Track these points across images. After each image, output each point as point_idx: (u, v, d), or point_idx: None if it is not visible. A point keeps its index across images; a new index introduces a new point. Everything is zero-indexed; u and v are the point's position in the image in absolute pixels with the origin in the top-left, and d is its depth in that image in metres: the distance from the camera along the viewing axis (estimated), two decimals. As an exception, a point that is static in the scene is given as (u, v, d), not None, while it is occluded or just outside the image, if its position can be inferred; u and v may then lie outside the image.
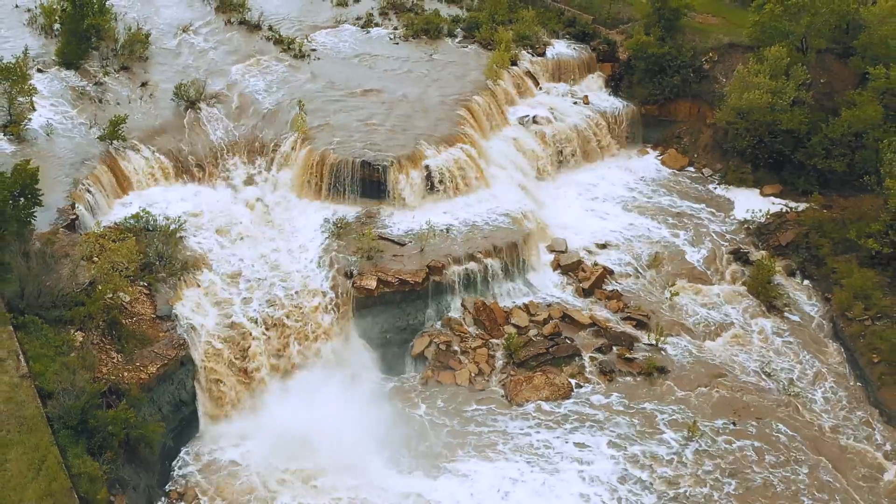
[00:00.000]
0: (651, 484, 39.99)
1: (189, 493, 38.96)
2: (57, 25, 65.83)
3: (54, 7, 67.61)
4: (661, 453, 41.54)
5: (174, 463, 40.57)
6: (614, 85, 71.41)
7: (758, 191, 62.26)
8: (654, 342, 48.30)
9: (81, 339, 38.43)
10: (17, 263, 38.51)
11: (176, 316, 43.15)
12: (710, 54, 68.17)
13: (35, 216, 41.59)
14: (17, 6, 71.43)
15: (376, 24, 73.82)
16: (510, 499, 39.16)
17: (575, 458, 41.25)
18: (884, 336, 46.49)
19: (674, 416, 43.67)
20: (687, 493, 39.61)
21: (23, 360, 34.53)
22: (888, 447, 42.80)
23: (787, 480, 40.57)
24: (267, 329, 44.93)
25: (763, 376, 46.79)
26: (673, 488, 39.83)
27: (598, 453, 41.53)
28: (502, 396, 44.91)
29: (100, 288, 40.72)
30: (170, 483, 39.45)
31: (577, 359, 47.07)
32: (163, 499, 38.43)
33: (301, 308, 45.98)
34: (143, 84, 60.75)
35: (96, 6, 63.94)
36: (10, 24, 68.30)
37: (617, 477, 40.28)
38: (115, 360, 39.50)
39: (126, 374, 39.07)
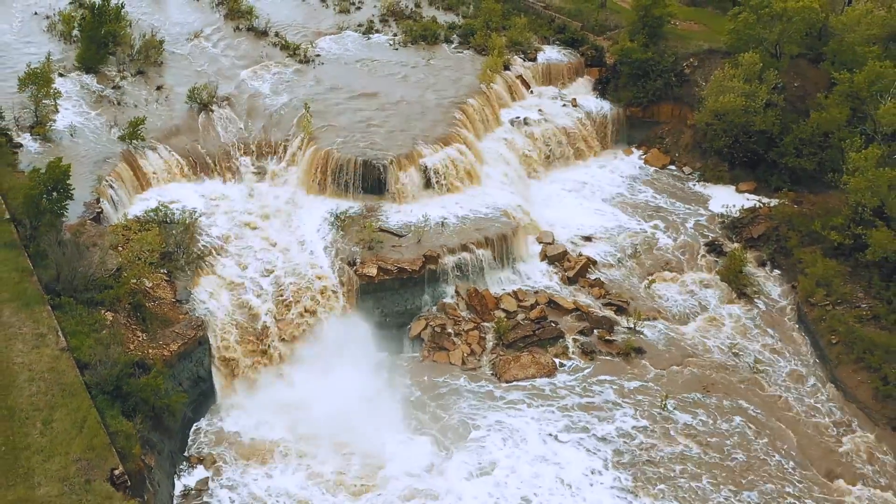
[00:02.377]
0: (628, 448, 44.15)
1: (208, 459, 42.95)
2: (75, 32, 69.97)
3: (72, 15, 71.98)
4: (633, 423, 45.68)
5: (193, 432, 44.63)
6: (601, 88, 75.57)
7: (734, 187, 66.52)
8: (632, 325, 52.45)
9: (111, 318, 42.49)
10: (52, 251, 42.59)
11: (194, 300, 47.30)
12: (691, 59, 72.41)
13: (67, 209, 45.81)
14: (35, 13, 75.62)
15: (377, 31, 78.00)
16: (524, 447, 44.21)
17: (567, 420, 45.96)
18: (842, 320, 50.67)
19: (648, 391, 47.82)
20: (658, 456, 43.78)
21: (61, 335, 38.54)
22: (843, 419, 46.99)
23: (749, 449, 44.64)
24: (277, 312, 49.06)
25: (731, 356, 50.98)
26: (645, 452, 43.96)
27: (577, 421, 45.86)
28: (492, 374, 49.08)
29: (125, 274, 44.75)
30: (190, 450, 43.55)
31: (561, 340, 51.21)
32: (184, 463, 42.57)
33: (308, 293, 50.08)
34: (159, 87, 64.77)
35: (112, 13, 68.03)
36: (30, 30, 72.39)
37: (588, 442, 44.52)
38: (140, 339, 43.51)
39: (150, 350, 43.03)
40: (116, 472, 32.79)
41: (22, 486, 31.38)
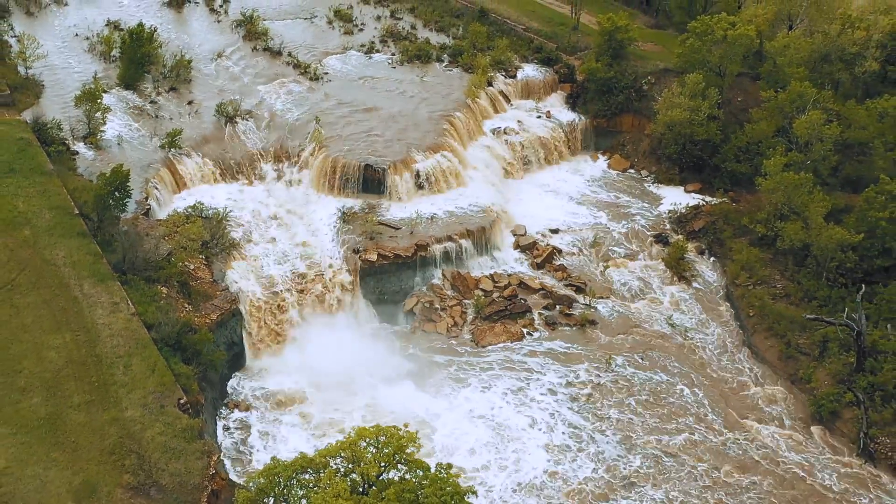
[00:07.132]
0: (577, 395, 55.06)
1: (242, 405, 53.81)
2: (115, 52, 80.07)
3: (111, 37, 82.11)
4: (584, 376, 56.62)
5: (229, 385, 55.42)
6: (573, 102, 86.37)
7: (682, 188, 77.35)
8: (588, 302, 63.33)
9: (165, 292, 53.30)
10: (119, 238, 53.38)
11: (227, 280, 58.12)
12: (649, 77, 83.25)
13: (127, 205, 56.57)
14: (76, 35, 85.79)
15: (377, 51, 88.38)
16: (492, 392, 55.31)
17: (529, 374, 56.88)
18: (758, 297, 61.72)
19: (597, 353, 58.75)
20: (602, 401, 54.74)
21: (130, 303, 49.32)
22: (754, 374, 57.99)
23: (678, 397, 55.50)
24: (295, 290, 59.81)
25: (668, 327, 61.86)
26: (592, 399, 54.93)
27: (545, 373, 56.87)
28: (471, 340, 59.97)
29: (173, 259, 55.60)
30: (227, 398, 54.34)
31: (528, 314, 62.12)
32: (224, 408, 53.40)
33: (320, 275, 60.89)
34: (189, 102, 75.12)
35: (147, 36, 77.91)
36: (73, 50, 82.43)
37: (554, 388, 55.47)
38: (187, 309, 54.17)
39: (196, 319, 53.70)
40: (182, 401, 43.65)
41: (114, 410, 42.21)
